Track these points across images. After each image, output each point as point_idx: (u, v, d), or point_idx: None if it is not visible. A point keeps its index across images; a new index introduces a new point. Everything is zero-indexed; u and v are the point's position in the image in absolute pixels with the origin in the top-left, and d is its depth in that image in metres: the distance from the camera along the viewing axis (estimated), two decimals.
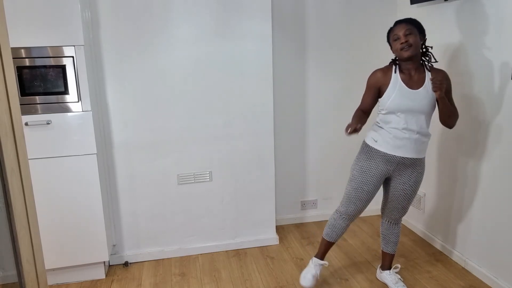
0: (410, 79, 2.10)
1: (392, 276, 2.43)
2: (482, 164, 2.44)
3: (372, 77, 2.17)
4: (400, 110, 2.08)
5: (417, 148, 2.13)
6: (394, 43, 2.09)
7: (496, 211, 2.36)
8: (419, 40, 2.07)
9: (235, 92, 2.74)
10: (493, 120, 2.33)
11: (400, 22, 2.08)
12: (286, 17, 3.03)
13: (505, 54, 2.20)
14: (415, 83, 2.09)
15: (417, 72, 2.11)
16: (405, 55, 2.05)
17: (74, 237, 2.51)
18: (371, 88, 2.18)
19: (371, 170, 2.19)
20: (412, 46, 2.03)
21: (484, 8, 2.32)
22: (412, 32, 2.05)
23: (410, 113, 2.08)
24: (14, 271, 1.23)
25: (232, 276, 2.64)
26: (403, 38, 2.04)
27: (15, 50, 2.22)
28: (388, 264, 2.46)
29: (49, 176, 2.40)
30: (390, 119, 2.13)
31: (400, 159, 2.14)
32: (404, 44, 2.03)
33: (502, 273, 2.36)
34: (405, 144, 2.11)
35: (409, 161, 2.15)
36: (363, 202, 2.25)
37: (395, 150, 2.13)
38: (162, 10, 2.53)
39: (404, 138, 2.11)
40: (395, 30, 2.08)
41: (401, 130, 2.10)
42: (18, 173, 1.19)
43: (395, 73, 2.12)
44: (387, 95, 2.11)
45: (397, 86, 2.09)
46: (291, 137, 3.23)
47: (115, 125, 2.63)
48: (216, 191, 2.86)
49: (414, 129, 2.10)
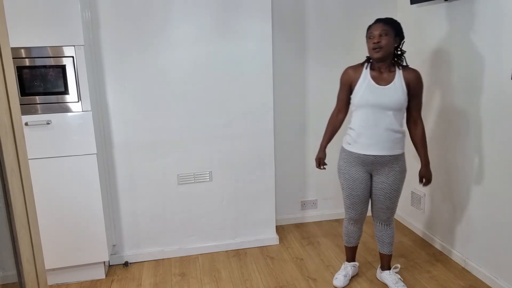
0: (379, 76, 2.14)
1: (392, 276, 2.43)
2: (482, 164, 2.44)
3: (344, 74, 2.25)
4: (368, 105, 2.13)
5: (389, 145, 2.15)
6: (368, 41, 2.12)
7: (496, 211, 2.36)
8: (392, 42, 2.09)
9: (235, 92, 2.74)
10: (493, 120, 2.33)
11: (379, 21, 2.10)
12: (286, 17, 3.03)
13: (505, 54, 2.20)
14: (384, 80, 2.13)
15: (387, 70, 2.14)
16: (375, 56, 2.09)
17: (74, 237, 2.51)
18: (343, 85, 2.26)
19: (353, 174, 2.25)
20: (383, 48, 2.06)
21: (484, 8, 2.32)
22: (388, 34, 2.06)
23: (378, 109, 2.12)
24: (14, 271, 1.23)
25: (232, 276, 2.64)
26: (376, 38, 2.06)
27: (15, 50, 2.22)
28: (387, 264, 2.46)
29: (49, 176, 2.40)
30: (360, 116, 2.17)
31: (374, 157, 2.17)
32: (375, 44, 2.06)
33: (502, 273, 2.36)
34: (376, 142, 2.15)
35: (383, 159, 2.17)
36: (360, 205, 2.32)
37: (367, 149, 2.17)
38: (162, 10, 2.54)
39: (373, 136, 2.14)
40: (372, 28, 2.10)
41: (369, 127, 2.14)
42: (18, 173, 1.19)
43: (366, 70, 2.17)
44: (356, 90, 2.17)
45: (366, 82, 2.15)
46: (291, 137, 3.23)
47: (115, 125, 2.63)
48: (216, 191, 2.86)
49: (382, 125, 2.12)
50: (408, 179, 3.17)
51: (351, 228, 2.43)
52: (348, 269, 2.51)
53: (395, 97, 2.10)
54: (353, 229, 2.44)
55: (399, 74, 2.13)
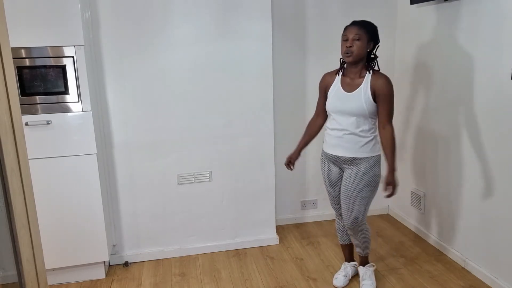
0: (349, 82, 2.17)
1: (362, 271, 2.46)
2: (482, 164, 2.44)
3: (321, 80, 2.31)
4: (333, 111, 2.20)
5: (352, 148, 2.17)
6: (342, 43, 2.12)
7: (496, 211, 2.36)
8: (365, 47, 2.09)
9: (235, 92, 2.74)
10: (493, 120, 2.33)
11: (355, 24, 2.10)
12: (286, 17, 3.03)
13: (505, 54, 2.20)
14: (351, 86, 2.15)
15: (357, 76, 2.15)
16: (346, 59, 2.13)
17: (74, 237, 2.51)
18: (320, 91, 2.32)
19: (326, 171, 2.34)
20: (354, 53, 2.07)
21: (484, 8, 2.32)
22: (361, 38, 2.06)
23: (342, 115, 2.16)
24: (14, 271, 1.23)
25: (232, 276, 2.64)
26: (349, 42, 2.07)
27: (15, 50, 2.22)
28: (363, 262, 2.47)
29: (49, 176, 2.40)
30: (330, 120, 2.25)
31: (337, 157, 2.23)
32: (347, 49, 2.08)
33: (502, 273, 2.36)
34: (338, 143, 2.20)
35: (345, 159, 2.21)
36: (339, 202, 2.36)
37: (332, 149, 2.24)
38: (162, 10, 2.54)
39: (336, 137, 2.21)
40: (347, 31, 2.10)
41: (334, 130, 2.21)
42: (18, 173, 1.19)
43: (338, 76, 2.22)
44: (328, 97, 2.24)
45: (336, 89, 2.20)
46: (291, 137, 3.23)
47: (115, 125, 2.63)
48: (216, 191, 2.86)
49: (345, 129, 2.17)
50: (408, 179, 3.17)
51: (341, 224, 2.46)
52: (348, 269, 2.52)
53: (357, 104, 2.11)
54: (342, 225, 2.46)
55: (367, 80, 2.12)
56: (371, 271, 2.46)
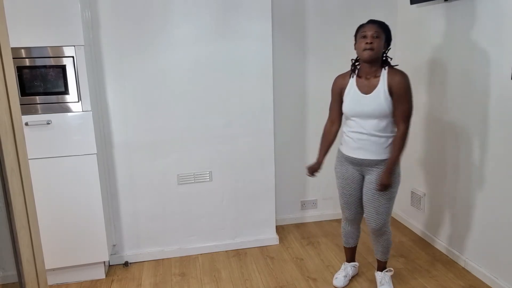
0: (364, 83, 2.13)
1: (380, 276, 2.43)
2: (481, 164, 2.44)
3: (333, 84, 2.26)
4: (353, 114, 2.15)
5: (375, 150, 2.14)
6: (360, 40, 2.09)
7: (496, 211, 2.36)
8: (382, 46, 2.08)
9: (235, 92, 2.74)
10: (493, 120, 2.33)
11: (373, 22, 2.09)
12: (286, 17, 3.03)
13: (505, 54, 2.20)
14: (368, 87, 2.12)
15: (372, 76, 2.12)
16: (365, 56, 2.06)
17: (74, 237, 2.51)
18: (334, 95, 2.27)
19: (344, 173, 2.28)
20: (374, 50, 2.04)
21: (484, 7, 2.32)
22: (380, 36, 2.05)
23: (363, 117, 2.13)
24: (14, 271, 1.23)
25: (232, 276, 2.64)
26: (370, 39, 2.04)
27: (15, 50, 2.22)
28: (381, 267, 2.45)
29: (49, 176, 2.40)
30: (349, 123, 2.21)
31: (360, 160, 2.19)
32: (368, 45, 2.04)
33: (502, 273, 2.36)
34: (361, 146, 2.16)
35: (370, 162, 2.17)
36: (354, 205, 2.32)
37: (354, 152, 2.20)
38: (162, 10, 2.54)
39: (358, 140, 2.16)
40: (366, 28, 2.07)
41: (355, 133, 2.16)
42: (18, 173, 1.19)
43: (352, 78, 2.17)
44: (344, 100, 2.19)
45: (352, 91, 2.15)
46: (291, 137, 3.23)
47: (115, 125, 2.63)
48: (216, 191, 2.86)
49: (367, 131, 2.13)
50: (408, 179, 3.17)
51: (348, 228, 2.43)
52: (348, 269, 2.51)
53: (377, 105, 2.07)
54: (350, 230, 2.43)
55: (383, 78, 2.08)
56: (389, 277, 2.43)
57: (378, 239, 2.33)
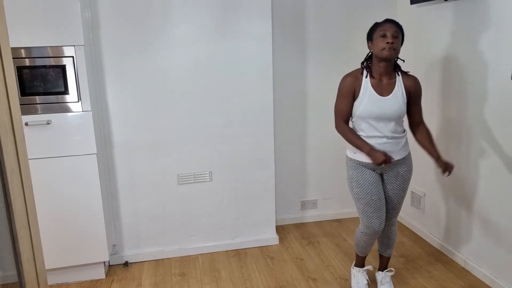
0: (379, 84, 2.09)
1: (381, 276, 2.43)
2: (481, 164, 2.44)
3: (344, 83, 2.13)
4: (371, 117, 2.08)
5: (394, 151, 2.13)
6: (379, 39, 2.03)
7: (496, 211, 2.36)
8: (400, 47, 2.07)
9: (235, 92, 2.74)
10: (492, 120, 2.33)
11: (391, 22, 2.05)
12: (286, 17, 3.03)
13: (505, 54, 2.20)
14: (385, 90, 2.09)
15: (387, 77, 2.09)
16: (385, 55, 2.01)
17: (74, 237, 2.51)
18: (346, 95, 2.13)
19: (368, 178, 2.16)
20: (396, 50, 2.03)
21: (484, 8, 2.32)
22: (398, 37, 2.04)
23: (381, 120, 2.08)
24: (14, 271, 1.23)
25: (232, 276, 2.64)
26: (390, 38, 2.01)
27: (15, 50, 2.22)
28: (384, 265, 2.45)
29: (49, 176, 2.40)
30: (362, 126, 2.13)
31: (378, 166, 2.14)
32: (390, 44, 2.00)
33: (502, 273, 2.36)
34: (382, 149, 2.10)
35: (390, 164, 2.15)
36: (383, 209, 2.20)
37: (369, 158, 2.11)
38: (162, 10, 2.54)
39: (378, 145, 2.11)
40: (386, 27, 2.03)
41: (373, 137, 2.11)
42: (18, 173, 1.19)
43: (366, 78, 2.10)
44: (359, 101, 2.10)
45: (367, 92, 2.08)
46: (291, 137, 3.23)
47: (115, 125, 2.63)
48: (216, 191, 2.86)
49: (386, 135, 2.10)
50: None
51: (370, 241, 2.27)
52: (364, 274, 2.46)
53: (397, 107, 2.07)
54: (371, 242, 2.28)
55: (399, 81, 2.09)
56: (390, 277, 2.43)
57: (390, 231, 2.33)
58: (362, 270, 2.45)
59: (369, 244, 2.31)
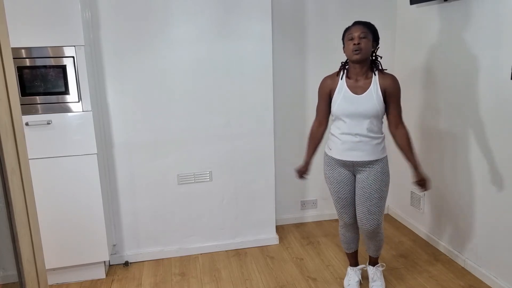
0: (355, 84, 2.13)
1: (372, 272, 2.44)
2: (481, 164, 2.44)
3: (322, 84, 2.22)
4: (344, 115, 2.13)
5: (367, 151, 2.14)
6: (348, 42, 2.09)
7: (496, 211, 2.37)
8: (370, 46, 2.08)
9: (235, 92, 2.74)
10: (492, 120, 2.33)
11: (358, 24, 2.09)
12: (286, 17, 3.03)
13: (505, 54, 2.21)
14: (360, 88, 2.12)
15: (363, 77, 2.13)
16: (354, 57, 2.06)
17: (74, 237, 2.51)
18: (322, 96, 2.22)
19: (336, 177, 2.24)
20: (362, 50, 2.05)
21: (484, 8, 2.32)
22: (367, 36, 2.06)
23: (355, 118, 2.11)
24: (14, 270, 1.24)
25: (232, 276, 2.64)
26: (356, 39, 2.04)
27: (16, 50, 2.22)
28: (373, 262, 2.46)
29: (49, 176, 2.40)
30: (339, 124, 2.18)
31: (353, 162, 2.17)
32: (356, 46, 2.04)
33: (502, 273, 2.36)
34: (354, 148, 2.14)
35: (362, 163, 2.17)
36: (352, 207, 2.28)
37: (346, 155, 2.17)
38: (162, 10, 2.54)
39: (351, 142, 2.14)
40: (352, 30, 2.08)
41: (347, 134, 2.14)
42: (19, 173, 1.19)
43: (342, 79, 2.16)
44: (334, 100, 2.17)
45: (343, 92, 2.14)
46: (291, 137, 3.23)
47: (115, 125, 2.63)
48: (216, 191, 2.86)
49: (360, 132, 2.12)
50: (408, 179, 3.17)
51: (348, 234, 2.38)
52: (358, 273, 2.47)
53: (371, 105, 2.09)
54: (350, 235, 2.38)
55: (375, 81, 2.11)
56: (381, 272, 2.44)
57: (372, 240, 2.32)
58: (355, 268, 2.48)
59: (349, 238, 2.40)
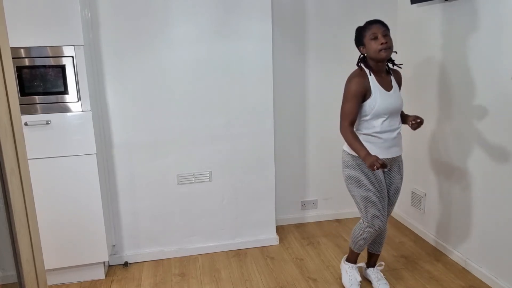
0: (382, 81, 2.15)
1: (375, 273, 2.44)
2: (482, 164, 2.43)
3: (358, 84, 2.08)
4: (387, 112, 2.12)
5: (401, 145, 2.23)
6: (372, 42, 2.05)
7: (496, 211, 2.36)
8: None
9: (235, 92, 2.74)
10: (493, 119, 2.33)
11: (376, 22, 2.08)
12: (286, 17, 3.03)
13: (505, 54, 2.20)
14: (387, 84, 2.15)
15: (384, 74, 2.17)
16: (383, 55, 2.04)
17: (74, 237, 2.51)
18: (357, 96, 2.09)
19: (379, 176, 2.18)
20: (391, 48, 2.06)
21: (484, 8, 2.32)
22: (388, 34, 2.07)
23: (393, 114, 2.15)
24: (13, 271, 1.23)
25: (232, 276, 2.64)
26: (382, 38, 2.04)
27: (15, 50, 2.22)
28: (374, 262, 2.48)
29: (49, 176, 2.40)
30: (376, 123, 2.12)
31: (394, 158, 2.21)
32: (384, 44, 2.03)
33: (502, 273, 2.36)
34: (395, 144, 2.18)
35: (398, 158, 2.25)
36: (386, 208, 2.23)
37: (387, 152, 2.17)
38: (162, 10, 2.53)
39: (392, 139, 2.17)
40: (373, 29, 2.05)
41: (387, 132, 2.14)
42: (18, 173, 1.19)
43: (371, 76, 2.12)
44: (373, 99, 2.09)
45: (377, 90, 2.12)
46: (291, 137, 3.23)
47: (115, 125, 2.62)
48: (216, 191, 2.86)
49: (396, 128, 2.18)
50: (408, 179, 3.17)
51: (371, 238, 2.27)
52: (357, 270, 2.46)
53: (400, 99, 2.18)
54: (371, 238, 2.28)
55: (392, 76, 2.21)
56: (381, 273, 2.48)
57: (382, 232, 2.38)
58: (355, 266, 2.46)
59: (368, 241, 2.31)
